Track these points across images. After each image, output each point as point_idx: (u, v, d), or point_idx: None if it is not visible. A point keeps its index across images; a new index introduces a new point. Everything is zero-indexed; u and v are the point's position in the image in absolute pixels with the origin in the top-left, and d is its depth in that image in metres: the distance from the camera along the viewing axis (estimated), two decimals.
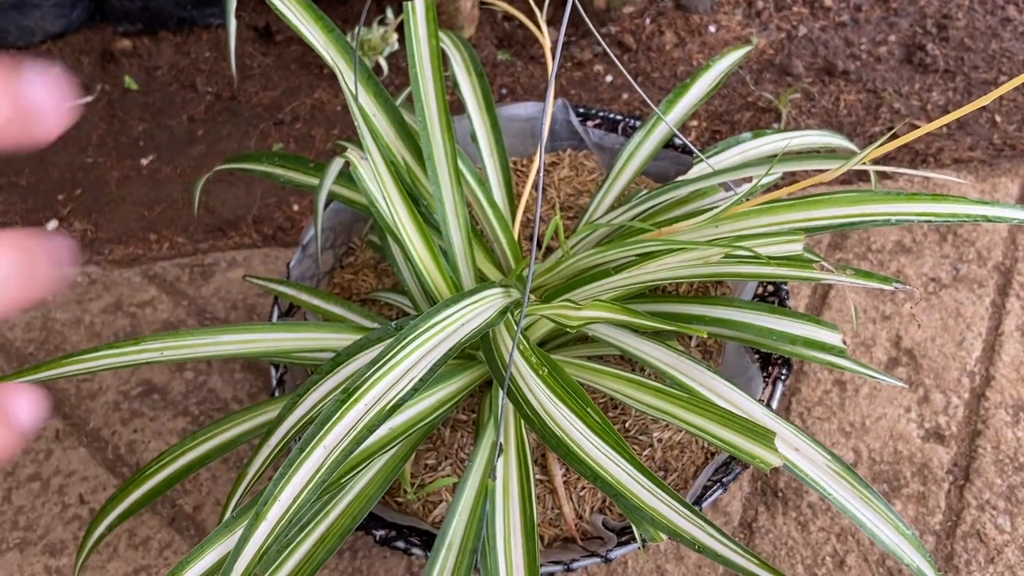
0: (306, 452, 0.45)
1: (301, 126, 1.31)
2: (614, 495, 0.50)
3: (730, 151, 0.77)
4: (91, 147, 1.31)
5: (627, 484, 0.51)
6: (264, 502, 0.44)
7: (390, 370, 0.50)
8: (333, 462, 0.44)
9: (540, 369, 0.58)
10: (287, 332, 0.70)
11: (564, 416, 0.54)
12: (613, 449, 0.52)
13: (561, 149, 0.94)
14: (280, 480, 0.44)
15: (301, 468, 0.44)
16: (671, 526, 0.49)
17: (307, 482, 0.44)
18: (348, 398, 0.47)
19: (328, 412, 0.46)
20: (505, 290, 0.66)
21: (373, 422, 0.46)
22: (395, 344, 0.51)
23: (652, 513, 0.49)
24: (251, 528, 0.43)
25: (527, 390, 0.57)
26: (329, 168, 0.72)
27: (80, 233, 1.19)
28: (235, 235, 1.17)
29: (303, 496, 0.44)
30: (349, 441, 0.45)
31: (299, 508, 0.44)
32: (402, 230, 0.69)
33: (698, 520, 0.49)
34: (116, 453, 0.96)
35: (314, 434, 0.45)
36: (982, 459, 0.89)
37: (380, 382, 0.49)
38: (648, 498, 0.50)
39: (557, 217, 0.73)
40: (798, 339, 0.68)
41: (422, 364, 0.51)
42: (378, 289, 0.87)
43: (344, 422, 0.46)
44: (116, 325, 1.06)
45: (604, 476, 0.51)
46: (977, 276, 1.02)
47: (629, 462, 0.51)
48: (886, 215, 0.63)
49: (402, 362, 0.50)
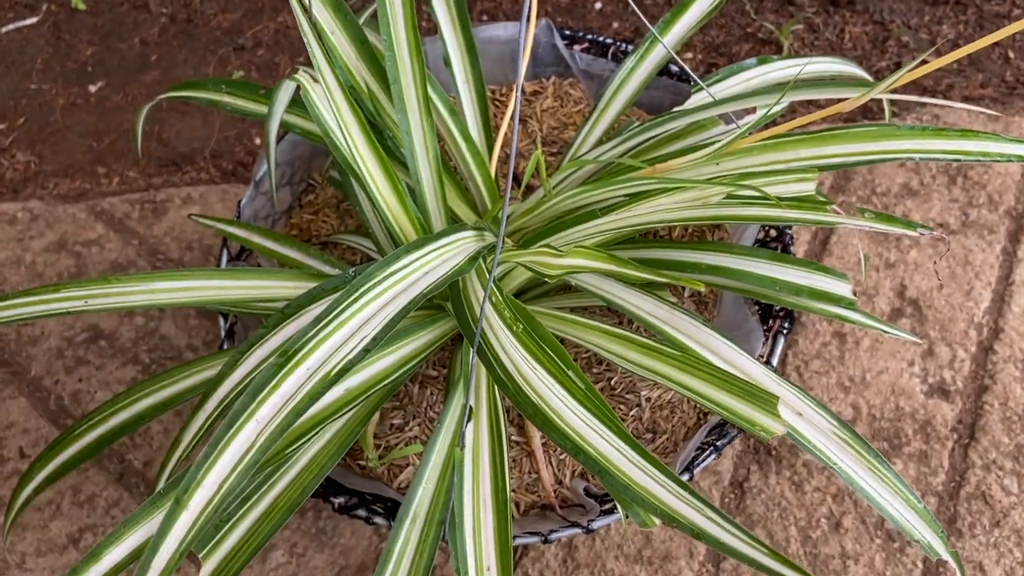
0: (235, 428, 0.38)
1: (264, 52, 1.21)
2: (599, 472, 0.44)
3: (732, 79, 0.69)
4: (35, 72, 1.20)
5: (613, 459, 0.44)
6: (185, 488, 0.37)
7: (337, 328, 0.42)
8: (267, 439, 0.37)
9: (515, 325, 0.50)
10: (233, 279, 0.62)
11: (542, 380, 0.48)
12: (598, 419, 0.45)
13: (544, 76, 0.85)
14: (204, 462, 0.37)
15: (229, 447, 0.37)
16: (664, 508, 0.42)
17: (236, 463, 0.37)
18: (286, 363, 0.40)
19: (262, 380, 0.39)
20: (478, 233, 0.58)
21: (316, 390, 0.38)
22: (344, 297, 0.44)
23: (642, 493, 0.43)
24: (171, 518, 0.37)
25: (500, 349, 0.50)
26: (278, 92, 0.64)
27: (23, 165, 1.10)
28: (191, 170, 1.08)
29: (232, 480, 0.37)
30: (287, 413, 0.38)
31: (228, 493, 0.37)
32: (362, 165, 0.61)
33: (695, 502, 0.43)
34: (59, 404, 0.89)
35: (245, 406, 0.38)
36: (988, 416, 0.84)
37: (325, 343, 0.41)
38: (637, 475, 0.43)
39: (539, 151, 0.65)
40: (803, 289, 0.61)
41: (376, 320, 0.43)
42: (340, 231, 0.79)
43: (281, 391, 0.38)
44: (60, 265, 0.98)
45: (587, 450, 0.44)
46: (988, 222, 0.95)
47: (616, 434, 0.44)
48: (909, 151, 0.55)
49: (352, 318, 0.43)
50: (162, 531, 0.36)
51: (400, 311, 0.45)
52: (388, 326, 0.43)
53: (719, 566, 0.78)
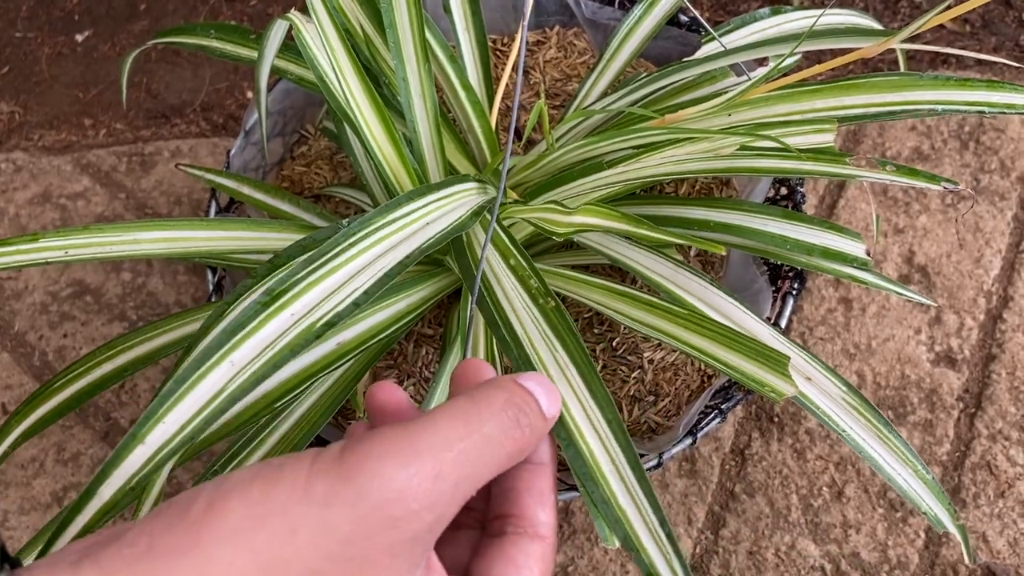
0: (207, 366, 0.35)
1: (257, 2, 1.17)
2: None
3: (745, 29, 0.66)
4: (20, 20, 1.16)
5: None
6: (145, 421, 0.34)
7: (330, 273, 0.40)
8: (239, 388, 0.35)
9: (521, 271, 0.48)
10: (222, 230, 0.60)
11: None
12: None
13: (548, 26, 0.82)
14: (169, 398, 0.35)
15: (198, 387, 0.35)
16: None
17: (204, 405, 0.35)
18: (272, 302, 0.37)
19: (241, 319, 0.36)
20: (481, 185, 0.56)
21: (298, 340, 0.36)
22: (342, 239, 0.41)
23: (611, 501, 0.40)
24: (125, 449, 0.34)
25: (503, 298, 0.48)
26: (269, 33, 0.60)
27: (7, 116, 1.06)
28: (180, 122, 1.04)
29: (195, 423, 0.34)
30: (265, 362, 0.35)
31: (189, 436, 0.35)
32: (357, 112, 0.58)
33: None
34: (43, 360, 0.86)
35: (220, 344, 0.35)
36: (996, 386, 0.82)
37: (315, 287, 0.39)
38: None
39: (541, 101, 0.62)
40: (815, 249, 0.59)
41: (371, 271, 0.41)
42: (333, 184, 0.76)
43: (261, 335, 0.36)
44: (44, 218, 0.95)
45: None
46: (999, 188, 0.93)
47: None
48: (932, 103, 0.53)
49: (345, 265, 0.40)
50: (114, 460, 0.34)
51: (397, 265, 0.42)
52: (383, 280, 0.40)
53: (718, 533, 0.76)
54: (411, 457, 0.26)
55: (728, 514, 0.77)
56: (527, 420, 0.30)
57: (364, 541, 0.24)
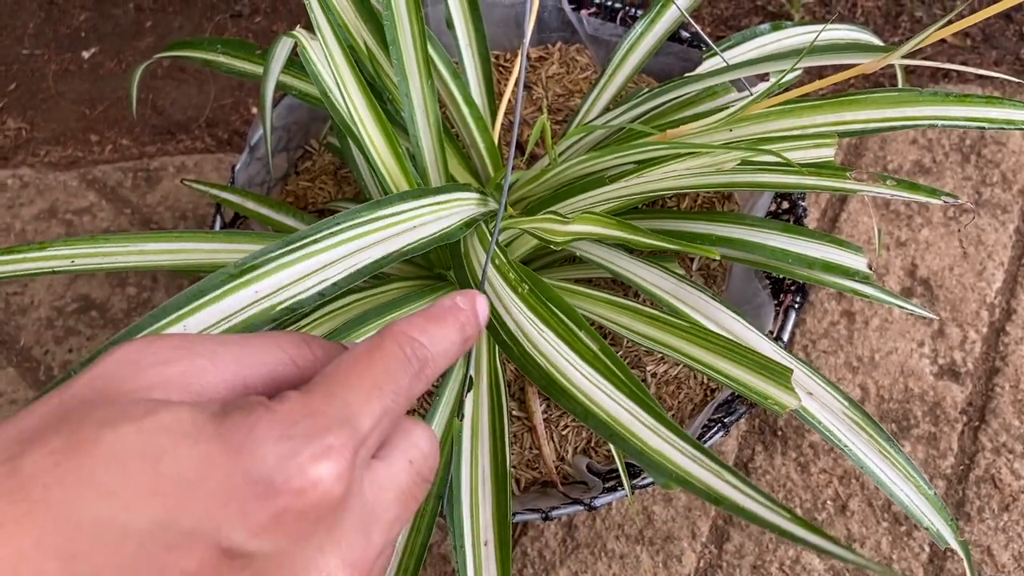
0: (160, 325, 0.35)
1: (262, 19, 1.18)
2: (610, 436, 0.41)
3: (746, 44, 0.66)
4: (27, 37, 1.18)
5: (624, 421, 0.42)
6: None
7: (303, 259, 0.40)
8: None
9: (520, 287, 0.48)
10: (225, 243, 0.60)
11: (548, 341, 0.45)
12: (609, 381, 0.42)
13: (550, 42, 0.82)
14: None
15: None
16: (680, 472, 0.40)
17: None
18: (239, 276, 0.37)
19: (206, 286, 0.36)
20: (481, 197, 0.56)
21: (255, 319, 0.36)
22: (323, 227, 0.42)
23: (657, 457, 0.40)
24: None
25: (504, 311, 0.48)
26: (275, 50, 0.61)
27: (13, 132, 1.07)
28: (185, 138, 1.05)
29: None
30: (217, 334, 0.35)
31: None
32: (361, 127, 0.59)
33: (713, 464, 0.40)
34: (49, 374, 0.87)
35: (179, 305, 0.35)
36: (999, 399, 0.82)
37: (285, 270, 0.39)
38: (651, 439, 0.41)
39: (544, 116, 0.63)
40: (816, 262, 0.59)
41: (346, 264, 0.41)
42: (337, 198, 0.77)
43: (221, 305, 0.36)
44: (50, 233, 0.95)
45: (598, 414, 0.42)
46: (1001, 201, 0.93)
47: (629, 397, 0.42)
48: (931, 118, 0.53)
49: (321, 253, 0.40)
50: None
51: (372, 263, 0.42)
52: (354, 275, 0.40)
53: (722, 547, 0.76)
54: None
55: (732, 528, 0.77)
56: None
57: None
